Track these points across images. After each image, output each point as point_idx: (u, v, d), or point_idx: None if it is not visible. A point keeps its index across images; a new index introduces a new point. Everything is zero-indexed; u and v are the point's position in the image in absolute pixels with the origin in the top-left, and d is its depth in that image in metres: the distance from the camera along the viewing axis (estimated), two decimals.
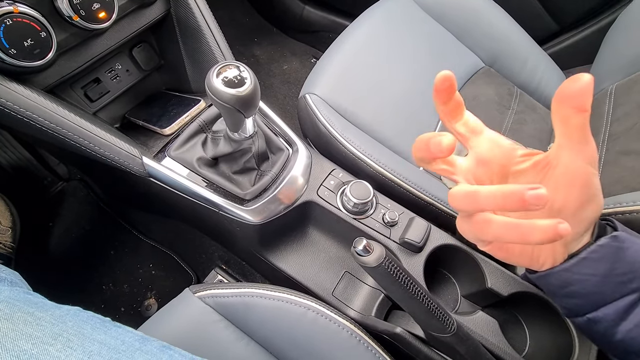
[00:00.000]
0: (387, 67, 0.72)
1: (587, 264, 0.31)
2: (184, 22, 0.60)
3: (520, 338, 0.50)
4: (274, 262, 0.57)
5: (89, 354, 0.28)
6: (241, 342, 0.46)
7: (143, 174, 0.50)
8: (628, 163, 0.55)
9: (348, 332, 0.46)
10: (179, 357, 0.32)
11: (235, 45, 1.34)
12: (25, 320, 0.29)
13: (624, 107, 0.63)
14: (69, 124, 0.45)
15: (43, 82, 0.48)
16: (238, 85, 0.40)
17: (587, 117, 0.27)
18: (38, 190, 0.94)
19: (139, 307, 0.87)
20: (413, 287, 0.38)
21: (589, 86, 0.26)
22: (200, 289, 0.50)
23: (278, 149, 0.57)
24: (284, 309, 0.47)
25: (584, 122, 0.27)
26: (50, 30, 0.43)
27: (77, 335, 0.30)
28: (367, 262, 0.35)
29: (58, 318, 0.31)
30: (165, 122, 0.58)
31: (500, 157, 0.31)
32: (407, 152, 0.67)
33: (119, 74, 0.62)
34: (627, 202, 0.40)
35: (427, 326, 0.42)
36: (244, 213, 0.51)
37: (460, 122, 0.33)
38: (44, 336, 0.28)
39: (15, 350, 0.27)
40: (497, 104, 0.76)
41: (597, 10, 0.90)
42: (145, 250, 0.93)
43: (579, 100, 0.26)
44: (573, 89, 0.26)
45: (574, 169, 0.28)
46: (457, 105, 0.32)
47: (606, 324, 0.32)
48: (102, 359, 0.28)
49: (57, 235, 0.92)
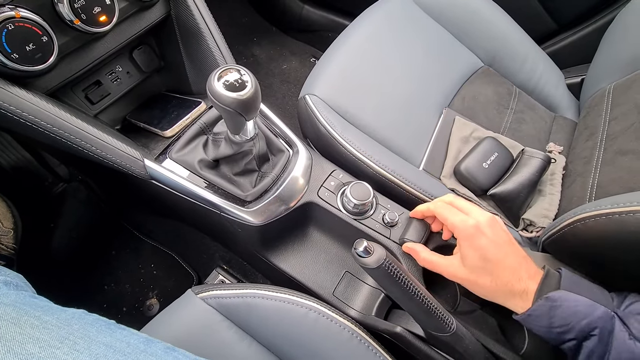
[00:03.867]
0: (386, 67, 0.73)
1: (531, 319, 0.38)
2: (184, 24, 0.60)
3: (519, 337, 0.51)
4: (275, 263, 0.57)
5: (95, 357, 0.29)
6: (244, 343, 0.47)
7: (145, 176, 0.51)
8: (625, 163, 0.55)
9: (349, 332, 0.47)
10: (183, 358, 0.33)
11: (235, 45, 1.33)
12: (32, 323, 0.30)
13: (622, 106, 0.64)
14: (71, 127, 0.45)
15: (45, 86, 0.48)
16: (239, 88, 0.40)
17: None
18: (39, 191, 0.94)
19: (141, 307, 0.88)
20: (413, 287, 0.38)
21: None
22: (202, 290, 0.50)
23: (278, 150, 0.58)
24: (285, 309, 0.47)
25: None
26: (52, 35, 0.43)
27: (83, 338, 0.30)
28: (368, 263, 0.36)
29: (64, 321, 0.31)
30: (166, 124, 0.58)
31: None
32: (407, 152, 0.67)
33: (120, 76, 0.62)
34: (624, 203, 0.40)
35: (427, 326, 0.43)
36: (245, 214, 0.52)
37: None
38: (50, 339, 0.29)
39: (23, 354, 0.27)
40: (496, 103, 0.77)
41: (595, 9, 0.90)
42: (147, 250, 0.94)
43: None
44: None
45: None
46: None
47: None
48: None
49: (58, 236, 0.92)
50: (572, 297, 0.37)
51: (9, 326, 0.29)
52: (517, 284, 0.40)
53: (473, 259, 0.41)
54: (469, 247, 0.41)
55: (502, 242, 0.41)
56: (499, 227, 0.42)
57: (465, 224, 0.42)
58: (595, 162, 0.61)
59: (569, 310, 0.37)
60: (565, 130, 0.76)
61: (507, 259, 0.40)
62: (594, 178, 0.59)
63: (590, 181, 0.59)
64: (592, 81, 0.78)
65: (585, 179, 0.60)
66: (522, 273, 0.40)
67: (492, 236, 0.41)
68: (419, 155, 0.68)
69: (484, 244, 0.40)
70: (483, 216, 0.42)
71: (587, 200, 0.57)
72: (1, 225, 0.78)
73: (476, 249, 0.41)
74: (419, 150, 0.68)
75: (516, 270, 0.40)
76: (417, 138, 0.69)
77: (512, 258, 0.41)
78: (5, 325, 0.29)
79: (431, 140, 0.69)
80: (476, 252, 0.41)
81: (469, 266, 0.41)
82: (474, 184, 0.64)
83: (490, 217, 0.42)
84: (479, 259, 0.41)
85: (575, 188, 0.62)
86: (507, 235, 0.42)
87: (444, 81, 0.76)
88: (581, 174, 0.62)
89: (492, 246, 0.40)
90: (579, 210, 0.45)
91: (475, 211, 0.43)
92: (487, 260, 0.40)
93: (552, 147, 0.72)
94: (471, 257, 0.41)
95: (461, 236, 0.42)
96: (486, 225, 0.41)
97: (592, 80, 0.78)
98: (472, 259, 0.41)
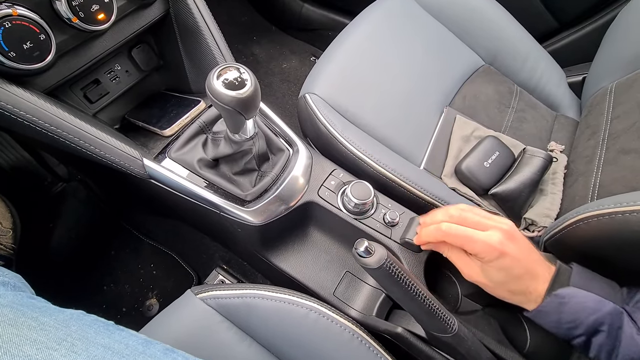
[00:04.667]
0: (387, 66, 0.72)
1: (541, 315, 0.39)
2: (183, 23, 0.59)
3: (521, 337, 0.50)
4: (275, 263, 0.57)
5: (93, 359, 0.28)
6: (244, 343, 0.47)
7: (144, 175, 0.50)
8: (628, 162, 0.55)
9: (350, 333, 0.46)
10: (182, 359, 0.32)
11: (234, 44, 1.33)
12: (30, 325, 0.30)
13: (624, 105, 0.63)
14: (69, 126, 0.45)
15: (42, 84, 0.48)
16: (239, 87, 0.40)
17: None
18: (38, 191, 0.94)
19: (141, 307, 0.88)
20: (414, 288, 0.38)
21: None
22: (202, 291, 0.50)
23: (278, 149, 0.57)
24: (286, 310, 0.47)
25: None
26: (50, 33, 0.42)
27: (81, 339, 0.30)
28: (369, 263, 0.36)
29: (62, 322, 0.31)
30: (165, 123, 0.58)
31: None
32: (408, 151, 0.67)
33: (119, 75, 0.61)
34: (627, 202, 0.40)
35: (428, 326, 0.43)
36: (245, 214, 0.51)
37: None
38: (48, 341, 0.29)
39: (20, 356, 0.27)
40: (497, 102, 0.76)
41: (597, 7, 0.89)
42: (146, 250, 0.93)
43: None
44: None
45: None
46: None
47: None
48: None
49: (57, 236, 0.92)
50: (581, 293, 0.37)
51: (6, 327, 0.29)
52: (534, 287, 0.39)
53: (496, 275, 0.40)
54: (492, 267, 0.40)
55: (524, 256, 0.40)
56: (520, 238, 0.40)
57: (489, 249, 0.39)
58: (597, 161, 0.60)
59: (578, 306, 0.37)
60: (566, 129, 0.76)
61: (529, 270, 0.40)
62: (596, 177, 0.58)
63: (593, 180, 0.58)
64: (593, 80, 0.77)
65: (587, 178, 0.60)
66: (540, 277, 0.40)
67: (516, 252, 0.39)
68: (420, 154, 0.67)
69: (508, 263, 0.39)
70: (502, 232, 0.39)
71: (589, 199, 0.57)
72: (0, 225, 0.77)
73: (500, 269, 0.39)
74: (419, 149, 0.68)
75: (535, 276, 0.40)
76: (417, 137, 0.69)
77: (533, 266, 0.40)
78: (2, 327, 0.29)
79: (432, 139, 0.69)
80: (501, 271, 0.39)
81: (490, 279, 0.40)
82: (475, 183, 0.63)
83: (509, 230, 0.40)
84: (503, 276, 0.40)
85: (577, 187, 0.61)
86: (526, 244, 0.41)
87: (444, 80, 0.76)
88: (583, 173, 0.62)
89: (515, 263, 0.39)
90: (582, 209, 0.45)
91: (492, 225, 0.40)
92: (511, 276, 0.39)
93: (553, 146, 0.71)
94: (495, 274, 0.40)
95: (485, 260, 0.40)
96: (508, 241, 0.39)
97: (593, 79, 0.78)
98: (495, 275, 0.40)
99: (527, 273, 0.39)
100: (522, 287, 0.40)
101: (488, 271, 0.40)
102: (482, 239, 0.39)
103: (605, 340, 0.36)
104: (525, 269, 0.39)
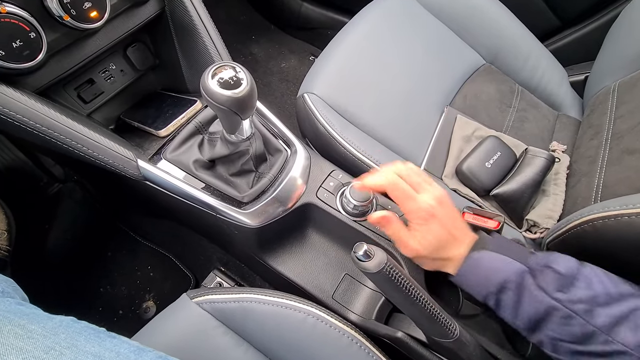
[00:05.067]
0: (386, 65, 0.71)
1: (462, 279, 0.43)
2: (179, 21, 0.58)
3: (523, 341, 0.49)
4: (273, 265, 0.56)
5: None
6: (240, 349, 0.46)
7: (138, 177, 0.49)
8: (633, 162, 0.54)
9: (348, 338, 0.45)
10: None
11: (233, 43, 1.32)
12: (16, 333, 0.29)
13: (627, 104, 0.62)
14: (62, 126, 0.44)
15: (34, 84, 0.47)
16: (234, 86, 0.39)
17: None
18: (34, 192, 0.93)
19: (137, 309, 0.86)
20: (415, 292, 0.37)
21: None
22: (197, 295, 0.49)
23: (276, 150, 0.56)
24: (283, 314, 0.46)
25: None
26: (40, 31, 0.41)
27: (69, 348, 0.29)
28: (368, 267, 0.35)
29: (50, 330, 0.30)
30: (160, 124, 0.57)
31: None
32: (408, 152, 0.66)
33: (113, 74, 0.60)
34: (633, 204, 0.39)
35: (429, 331, 0.42)
36: (242, 216, 0.50)
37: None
38: (35, 350, 0.28)
39: None
40: (499, 101, 0.75)
41: (599, 5, 0.88)
42: (143, 252, 0.92)
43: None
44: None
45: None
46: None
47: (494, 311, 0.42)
48: None
49: (53, 237, 0.91)
50: (491, 255, 0.41)
51: None
52: (457, 251, 0.43)
53: (428, 239, 0.44)
54: (423, 230, 0.44)
55: (449, 219, 0.44)
56: (448, 203, 0.45)
57: (419, 210, 0.43)
58: (600, 161, 0.59)
59: (488, 267, 0.41)
60: (568, 129, 0.75)
61: (453, 234, 0.44)
62: (599, 178, 0.57)
63: (596, 181, 0.57)
64: (596, 79, 0.76)
65: (591, 178, 0.59)
66: (462, 241, 0.44)
67: (443, 216, 0.43)
68: (420, 154, 0.66)
69: (436, 226, 0.43)
70: (434, 196, 0.44)
71: (592, 200, 0.56)
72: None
73: (429, 231, 0.43)
74: (420, 150, 0.67)
75: (458, 240, 0.44)
76: (418, 137, 0.68)
77: (456, 231, 0.44)
78: None
79: (432, 140, 0.68)
80: (430, 233, 0.43)
81: (424, 246, 0.44)
82: (476, 184, 0.62)
83: (440, 195, 0.44)
84: (432, 239, 0.43)
85: (580, 188, 0.60)
86: (453, 211, 0.45)
87: (445, 79, 0.75)
88: (586, 174, 0.61)
89: (442, 226, 0.43)
90: (586, 211, 0.44)
91: (427, 189, 0.45)
92: (439, 240, 0.43)
93: (555, 146, 0.70)
94: (426, 237, 0.44)
95: (415, 222, 0.44)
96: (438, 205, 0.43)
97: (596, 78, 0.77)
98: (427, 239, 0.44)
99: (452, 238, 0.43)
100: (450, 253, 0.43)
101: (419, 236, 0.44)
102: (417, 199, 0.43)
103: (511, 297, 0.39)
104: (450, 234, 0.43)
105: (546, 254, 0.41)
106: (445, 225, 0.43)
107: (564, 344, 0.36)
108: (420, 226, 0.44)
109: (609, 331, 0.34)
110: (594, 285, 0.36)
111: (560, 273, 0.37)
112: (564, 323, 0.36)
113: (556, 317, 0.36)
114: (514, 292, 0.39)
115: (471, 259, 0.42)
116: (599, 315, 0.34)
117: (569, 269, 0.37)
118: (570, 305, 0.36)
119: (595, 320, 0.34)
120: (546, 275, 0.38)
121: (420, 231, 0.44)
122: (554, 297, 0.36)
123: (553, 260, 0.39)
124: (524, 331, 0.40)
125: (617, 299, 0.35)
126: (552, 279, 0.37)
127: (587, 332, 0.35)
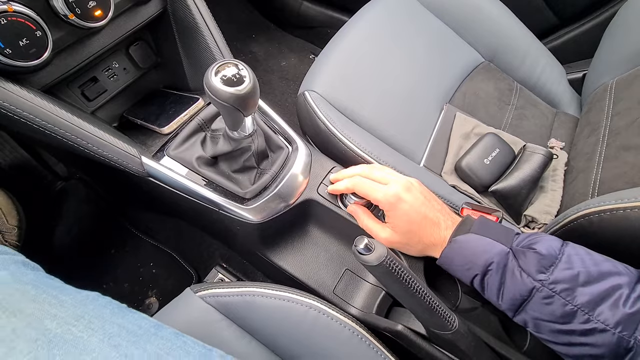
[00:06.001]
0: (386, 63, 0.72)
1: (447, 261, 0.43)
2: (181, 20, 0.59)
3: (521, 334, 0.50)
4: (274, 261, 0.57)
5: (109, 336, 0.29)
6: (243, 341, 0.47)
7: (142, 173, 0.50)
8: (629, 158, 0.54)
9: (350, 330, 0.46)
10: (192, 343, 0.33)
11: (233, 42, 1.32)
12: (50, 302, 0.31)
13: (624, 102, 0.63)
14: (67, 124, 0.44)
15: (40, 82, 0.48)
16: (237, 83, 0.40)
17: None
18: (38, 190, 0.94)
19: (140, 305, 0.87)
20: (414, 285, 0.38)
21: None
22: (201, 289, 0.50)
23: (277, 147, 0.57)
24: (285, 307, 0.47)
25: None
26: (46, 29, 0.42)
27: (97, 317, 0.31)
28: (369, 260, 0.35)
29: (79, 301, 0.32)
30: (163, 121, 0.57)
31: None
32: (407, 149, 0.66)
33: (116, 72, 0.61)
34: (628, 198, 0.39)
35: (428, 324, 0.43)
36: (244, 212, 0.51)
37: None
38: (67, 317, 0.30)
39: (40, 329, 0.28)
40: (497, 99, 0.76)
41: (597, 4, 0.89)
42: (146, 249, 0.93)
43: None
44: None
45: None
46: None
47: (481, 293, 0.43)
48: (122, 340, 0.30)
49: (57, 234, 0.91)
50: (475, 238, 0.41)
51: (29, 303, 0.30)
52: (437, 235, 0.44)
53: (401, 225, 0.45)
54: (394, 216, 0.45)
55: (420, 203, 0.45)
56: (416, 189, 0.46)
57: (386, 197, 0.45)
58: (597, 157, 0.60)
59: (472, 249, 0.41)
60: (567, 126, 0.76)
61: (427, 217, 0.45)
62: (596, 174, 0.58)
63: (593, 177, 0.58)
64: (594, 76, 0.77)
65: (588, 175, 0.60)
66: (441, 224, 0.45)
67: (412, 200, 0.45)
68: (420, 151, 0.67)
69: (406, 210, 0.44)
70: (400, 184, 0.45)
71: (589, 196, 0.57)
72: (6, 221, 0.77)
73: (400, 217, 0.45)
74: (419, 147, 0.67)
75: (436, 224, 0.45)
76: (417, 134, 0.68)
77: (432, 213, 0.45)
78: (25, 301, 0.30)
79: (432, 137, 0.69)
80: (401, 218, 0.45)
81: (400, 232, 0.46)
82: (475, 181, 0.63)
83: (405, 183, 0.46)
84: (405, 224, 0.45)
85: (577, 184, 0.61)
86: (424, 195, 0.46)
87: (444, 77, 0.76)
88: (583, 170, 0.61)
89: (412, 210, 0.44)
90: (583, 206, 0.44)
91: (393, 179, 0.47)
92: (412, 223, 0.45)
93: (553, 143, 0.71)
94: (399, 224, 0.45)
95: (386, 208, 0.46)
96: (404, 191, 0.45)
97: (594, 75, 0.78)
98: (400, 226, 0.45)
99: (429, 222, 0.44)
100: (431, 238, 0.44)
101: (395, 224, 0.46)
102: (383, 189, 0.46)
103: (494, 278, 0.39)
104: (426, 218, 0.44)
105: (530, 235, 0.41)
106: (417, 209, 0.44)
107: (546, 323, 0.37)
108: (390, 212, 0.46)
109: (590, 310, 0.34)
110: (574, 264, 0.36)
111: (542, 254, 0.37)
112: (546, 303, 0.36)
113: (538, 298, 0.36)
114: (498, 274, 0.39)
115: (455, 241, 0.42)
116: (580, 294, 0.35)
117: (551, 249, 0.37)
118: (551, 286, 0.36)
119: (576, 299, 0.35)
120: (528, 257, 0.38)
121: (391, 217, 0.46)
122: (536, 279, 0.36)
123: (535, 241, 0.39)
124: (508, 312, 0.40)
125: (597, 278, 0.35)
126: (533, 259, 0.37)
127: (567, 312, 0.35)
